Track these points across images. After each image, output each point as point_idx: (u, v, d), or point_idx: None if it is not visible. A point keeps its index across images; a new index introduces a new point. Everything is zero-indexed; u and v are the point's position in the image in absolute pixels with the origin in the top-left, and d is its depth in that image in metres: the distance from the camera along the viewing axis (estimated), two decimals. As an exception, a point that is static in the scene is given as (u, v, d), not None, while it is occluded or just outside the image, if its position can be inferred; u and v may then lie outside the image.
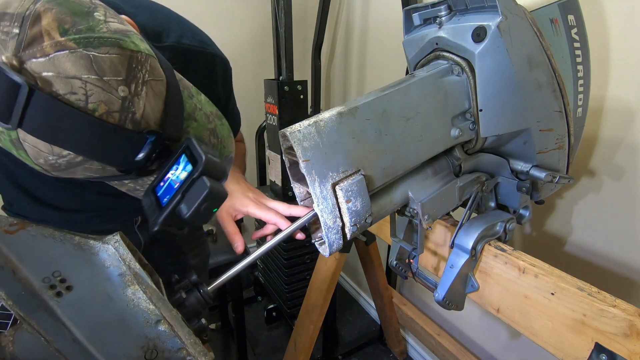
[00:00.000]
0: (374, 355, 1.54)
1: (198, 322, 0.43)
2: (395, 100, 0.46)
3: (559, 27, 0.54)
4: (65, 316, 0.33)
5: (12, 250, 0.34)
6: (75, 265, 0.36)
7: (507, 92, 0.49)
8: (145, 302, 0.37)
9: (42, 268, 0.34)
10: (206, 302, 0.44)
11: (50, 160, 0.35)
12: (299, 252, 1.48)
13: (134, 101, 0.35)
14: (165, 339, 0.36)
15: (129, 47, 0.35)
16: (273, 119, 1.42)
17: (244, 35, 1.76)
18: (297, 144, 0.40)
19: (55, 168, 0.36)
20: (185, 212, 0.38)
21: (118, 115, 0.35)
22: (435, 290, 0.56)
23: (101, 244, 0.38)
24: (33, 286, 0.33)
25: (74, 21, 0.32)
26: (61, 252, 0.36)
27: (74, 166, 0.36)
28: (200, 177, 0.38)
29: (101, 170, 0.38)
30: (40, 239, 0.36)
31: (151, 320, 0.36)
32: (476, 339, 1.22)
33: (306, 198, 0.53)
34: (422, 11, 0.55)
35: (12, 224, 0.35)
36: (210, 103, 0.47)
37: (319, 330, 1.08)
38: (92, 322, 0.34)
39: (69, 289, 0.34)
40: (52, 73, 0.31)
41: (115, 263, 0.38)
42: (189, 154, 0.39)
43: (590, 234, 0.84)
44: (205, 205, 0.38)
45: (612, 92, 0.75)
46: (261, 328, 1.67)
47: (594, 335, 0.44)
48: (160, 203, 0.40)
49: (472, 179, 0.56)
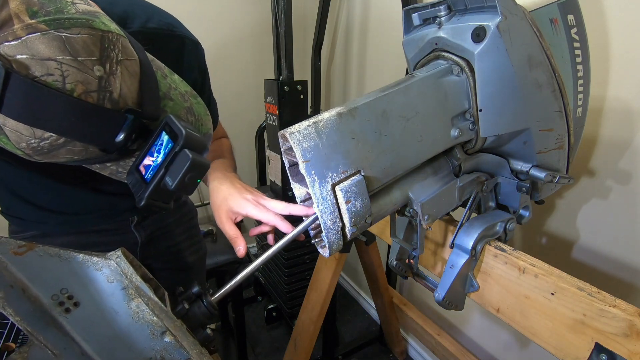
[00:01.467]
0: (374, 355, 1.54)
1: (204, 333, 0.43)
2: (395, 101, 0.46)
3: (558, 27, 0.53)
4: (74, 331, 0.34)
5: (21, 270, 0.35)
6: (81, 282, 0.37)
7: (507, 92, 0.49)
8: (149, 314, 0.38)
9: (51, 286, 0.35)
10: (210, 313, 0.45)
11: (33, 144, 0.35)
12: (299, 252, 1.48)
13: (110, 80, 0.36)
14: (171, 350, 0.37)
15: (100, 27, 0.35)
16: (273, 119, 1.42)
17: (244, 36, 1.76)
18: (297, 144, 0.40)
19: (38, 151, 0.36)
20: (171, 183, 0.39)
21: (96, 95, 0.35)
22: (435, 290, 0.56)
23: (104, 260, 0.39)
24: (43, 304, 0.34)
25: (42, 3, 0.32)
26: (67, 270, 0.37)
27: (56, 148, 0.37)
28: (182, 150, 0.39)
29: (83, 152, 0.39)
30: (47, 258, 0.37)
31: (157, 332, 0.37)
32: (476, 339, 1.22)
33: (306, 198, 0.53)
34: (422, 11, 0.55)
35: (20, 246, 0.36)
36: (184, 83, 0.48)
37: (319, 330, 1.08)
38: (100, 336, 0.35)
39: (77, 305, 0.36)
40: (26, 55, 0.31)
41: (118, 278, 0.39)
42: (168, 130, 0.40)
43: (590, 234, 0.84)
44: (190, 176, 0.39)
45: (612, 92, 0.75)
46: (261, 328, 1.67)
47: (594, 335, 0.44)
48: (145, 179, 0.41)
49: (472, 179, 0.56)
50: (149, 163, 0.41)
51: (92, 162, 0.42)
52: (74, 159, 0.39)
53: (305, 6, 1.81)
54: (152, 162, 0.41)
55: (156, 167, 0.40)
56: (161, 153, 0.40)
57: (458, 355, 1.14)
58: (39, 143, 0.35)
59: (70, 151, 0.38)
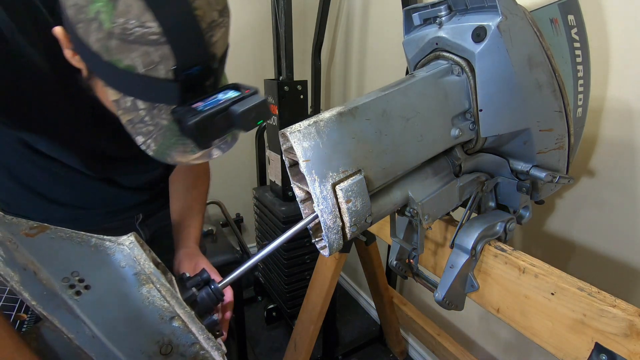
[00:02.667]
0: (374, 355, 1.54)
1: (210, 318, 0.44)
2: (395, 101, 0.46)
3: (559, 27, 0.53)
4: (84, 314, 0.34)
5: (33, 252, 0.35)
6: (92, 266, 0.37)
7: (507, 92, 0.49)
8: (160, 299, 0.38)
9: (62, 269, 0.35)
10: (217, 298, 0.45)
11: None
12: (299, 252, 1.48)
13: (216, 28, 0.39)
14: (179, 334, 0.38)
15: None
16: (273, 119, 1.42)
17: (244, 36, 1.76)
18: (297, 144, 0.40)
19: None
20: (238, 109, 0.40)
21: (206, 25, 0.38)
22: (435, 290, 0.56)
23: (117, 245, 0.40)
24: (54, 286, 0.34)
25: None
26: (79, 253, 0.37)
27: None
28: (256, 94, 0.42)
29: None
30: (58, 241, 0.37)
31: (166, 317, 0.38)
32: (476, 339, 1.22)
33: (306, 198, 0.53)
34: (422, 11, 0.55)
35: (32, 227, 0.36)
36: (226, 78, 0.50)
37: (319, 330, 1.08)
38: (109, 319, 0.35)
39: (87, 288, 0.36)
40: None
41: (130, 263, 0.39)
42: (236, 87, 0.43)
43: (590, 234, 0.84)
44: (258, 112, 0.41)
45: (612, 92, 0.75)
46: (261, 328, 1.67)
47: (594, 335, 0.44)
48: (197, 109, 0.40)
49: (472, 179, 0.56)
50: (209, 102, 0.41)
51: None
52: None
53: (305, 6, 1.81)
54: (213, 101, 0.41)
55: (216, 102, 0.40)
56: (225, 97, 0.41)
57: (458, 355, 1.14)
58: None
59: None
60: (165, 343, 0.37)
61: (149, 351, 0.36)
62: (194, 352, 0.38)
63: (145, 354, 0.36)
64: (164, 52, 0.37)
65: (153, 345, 0.36)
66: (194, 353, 0.38)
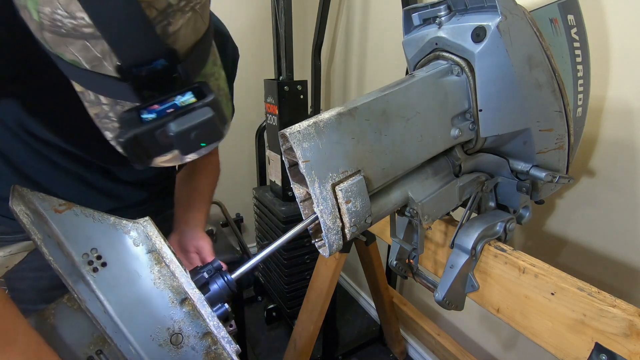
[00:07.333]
0: (374, 355, 1.54)
1: (222, 307, 0.42)
2: (395, 101, 0.46)
3: (558, 27, 0.53)
4: (99, 290, 0.36)
5: (60, 227, 0.37)
6: (110, 243, 0.39)
7: (507, 92, 0.49)
8: (170, 279, 0.39)
9: (82, 245, 0.37)
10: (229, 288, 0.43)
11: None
12: (299, 252, 1.48)
13: (177, 15, 0.34)
14: (189, 322, 0.38)
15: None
16: (273, 119, 1.42)
17: (244, 36, 1.76)
18: (297, 144, 0.40)
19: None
20: (174, 129, 0.33)
21: (156, 14, 0.32)
22: (435, 290, 0.56)
23: (132, 224, 0.41)
24: (74, 260, 0.36)
25: None
26: (99, 230, 0.39)
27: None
28: (206, 107, 0.34)
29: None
30: (82, 218, 0.38)
31: (176, 300, 0.38)
32: (476, 339, 1.22)
33: (306, 198, 0.53)
34: (422, 11, 0.55)
35: (61, 204, 0.38)
36: (225, 82, 0.46)
37: (319, 330, 1.08)
38: (122, 298, 0.37)
39: (104, 265, 0.37)
40: None
41: (144, 241, 0.40)
42: (197, 91, 0.36)
43: (590, 234, 0.83)
44: (198, 133, 0.34)
45: (612, 92, 0.74)
46: (261, 328, 1.67)
47: (594, 335, 0.44)
48: (142, 119, 0.35)
49: (472, 179, 0.56)
50: (158, 110, 0.35)
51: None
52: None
53: (305, 6, 1.81)
54: (161, 110, 0.35)
55: (162, 111, 0.34)
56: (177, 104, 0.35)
57: (458, 355, 1.14)
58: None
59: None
60: (175, 331, 0.37)
61: (159, 338, 0.36)
62: (205, 346, 0.38)
63: (155, 341, 0.36)
64: (104, 47, 0.33)
65: (163, 331, 0.37)
66: (206, 347, 0.38)
